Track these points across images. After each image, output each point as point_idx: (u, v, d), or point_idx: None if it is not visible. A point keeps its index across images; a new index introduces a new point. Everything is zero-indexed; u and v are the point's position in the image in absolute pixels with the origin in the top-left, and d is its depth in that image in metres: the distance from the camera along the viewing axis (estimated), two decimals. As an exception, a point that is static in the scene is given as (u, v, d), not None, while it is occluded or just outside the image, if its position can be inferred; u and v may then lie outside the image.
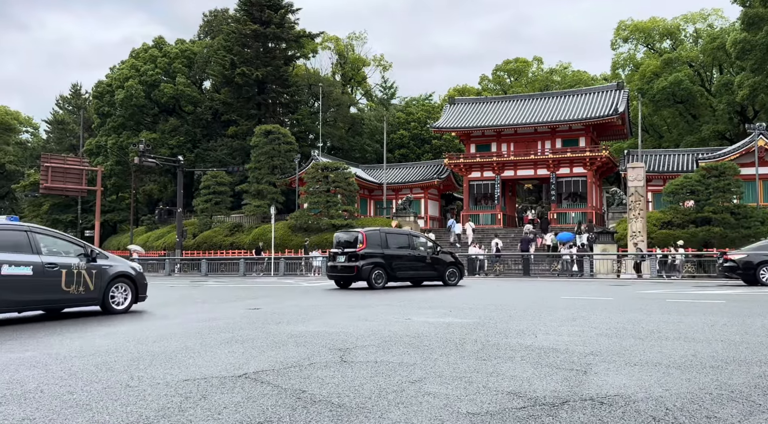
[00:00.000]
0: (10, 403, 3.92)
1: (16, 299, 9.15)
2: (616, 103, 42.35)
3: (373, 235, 18.13)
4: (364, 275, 17.34)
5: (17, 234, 9.55)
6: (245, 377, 4.67)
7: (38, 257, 9.47)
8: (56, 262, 9.73)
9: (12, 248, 9.22)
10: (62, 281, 9.73)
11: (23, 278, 9.15)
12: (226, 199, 45.14)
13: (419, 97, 74.08)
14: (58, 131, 76.53)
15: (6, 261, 8.96)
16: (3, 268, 8.91)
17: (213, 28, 60.66)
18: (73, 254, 10.19)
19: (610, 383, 4.41)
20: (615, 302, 11.85)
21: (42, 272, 9.41)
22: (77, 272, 9.99)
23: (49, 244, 9.98)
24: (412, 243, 18.75)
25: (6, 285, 8.91)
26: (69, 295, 9.89)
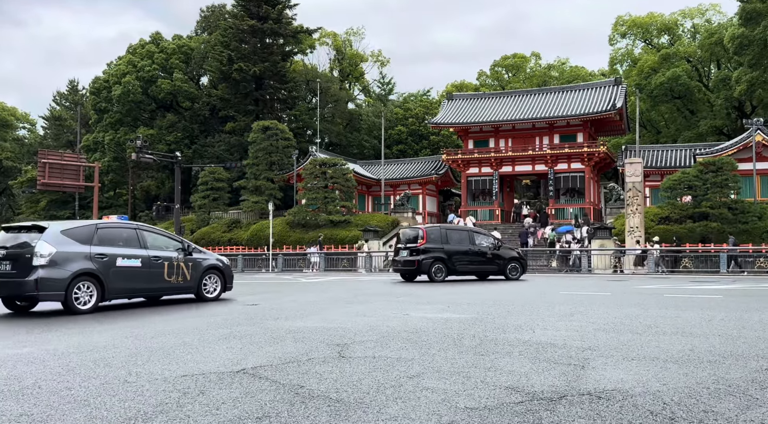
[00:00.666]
0: (8, 399, 3.92)
1: (128, 287, 10.82)
2: (614, 98, 42.34)
3: (433, 231, 19.28)
4: (424, 269, 18.41)
5: (128, 231, 11.27)
6: (243, 373, 4.67)
7: (145, 251, 11.06)
8: (160, 255, 11.26)
9: (124, 244, 10.90)
10: (165, 272, 11.28)
11: (134, 269, 10.79)
12: (224, 195, 45.09)
13: (417, 93, 74.01)
14: (55, 127, 76.31)
15: (120, 254, 10.62)
16: (118, 260, 10.56)
17: (210, 24, 60.48)
18: (172, 249, 11.69)
19: (607, 377, 4.42)
20: (613, 297, 11.87)
21: (149, 264, 11.01)
22: (177, 264, 11.52)
23: (153, 240, 11.47)
24: (473, 239, 19.45)
25: (120, 275, 10.56)
26: (170, 284, 11.46)
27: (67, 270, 9.96)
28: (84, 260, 10.21)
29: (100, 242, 10.57)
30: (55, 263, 9.90)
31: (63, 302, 10.04)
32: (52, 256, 9.86)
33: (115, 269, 10.52)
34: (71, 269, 10.02)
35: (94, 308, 10.20)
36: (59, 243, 10.12)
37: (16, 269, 9.93)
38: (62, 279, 9.87)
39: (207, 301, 11.74)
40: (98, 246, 10.49)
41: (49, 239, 10.06)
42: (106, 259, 10.44)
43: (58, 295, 9.97)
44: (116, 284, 10.53)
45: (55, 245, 10.04)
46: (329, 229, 38.10)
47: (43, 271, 9.74)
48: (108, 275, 10.41)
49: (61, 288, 9.86)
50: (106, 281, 10.37)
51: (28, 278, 9.71)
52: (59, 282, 9.84)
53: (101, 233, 10.74)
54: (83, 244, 10.37)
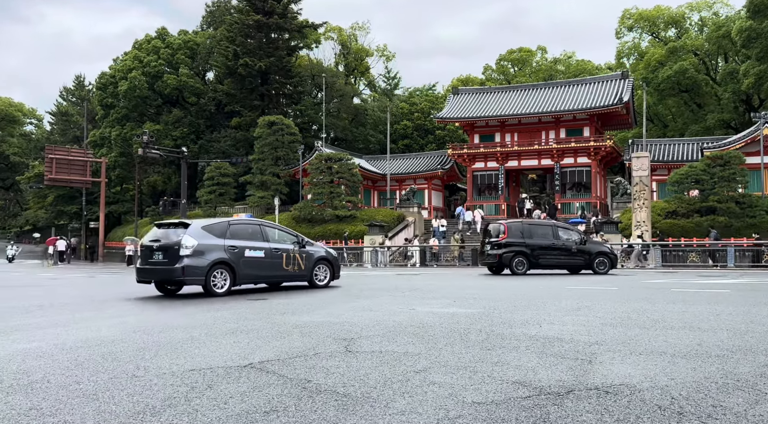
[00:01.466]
0: (18, 393, 3.94)
1: (254, 274, 12.64)
2: (620, 92, 42.14)
3: (514, 226, 19.93)
4: (505, 262, 19.24)
5: (253, 227, 13.17)
6: (251, 367, 4.68)
7: (267, 244, 12.88)
8: (279, 247, 13.06)
9: (250, 237, 12.67)
10: (283, 262, 13.04)
11: (259, 259, 12.59)
12: (230, 190, 45.16)
13: (423, 88, 73.85)
14: (62, 123, 76.58)
15: (248, 246, 12.39)
16: (246, 251, 12.33)
17: (216, 19, 60.44)
18: (289, 242, 13.44)
19: (615, 372, 4.41)
20: (620, 291, 11.83)
21: (270, 255, 12.79)
22: (293, 255, 13.25)
23: (273, 234, 13.30)
24: (557, 234, 19.86)
25: (248, 264, 12.36)
26: (287, 272, 13.23)
27: (206, 259, 11.77)
28: (220, 251, 11.99)
29: (231, 235, 12.38)
30: (197, 254, 11.71)
31: (203, 285, 11.85)
32: (194, 247, 11.68)
33: (244, 258, 12.33)
34: (210, 258, 11.82)
35: (227, 292, 11.95)
36: (200, 237, 11.95)
37: (167, 258, 11.84)
38: (203, 267, 11.70)
39: (318, 288, 13.59)
40: (230, 239, 12.29)
41: (192, 233, 11.91)
42: (236, 250, 12.22)
43: (199, 280, 11.78)
44: (245, 271, 12.34)
45: (197, 238, 11.86)
46: (335, 224, 38.14)
47: (188, 260, 11.59)
48: (239, 264, 12.22)
49: (202, 274, 11.70)
50: (237, 269, 12.16)
51: (177, 265, 11.59)
52: (200, 269, 11.68)
53: (232, 229, 12.61)
54: (219, 237, 12.19)
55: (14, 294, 13.58)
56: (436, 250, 34.08)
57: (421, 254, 33.64)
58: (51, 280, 20.72)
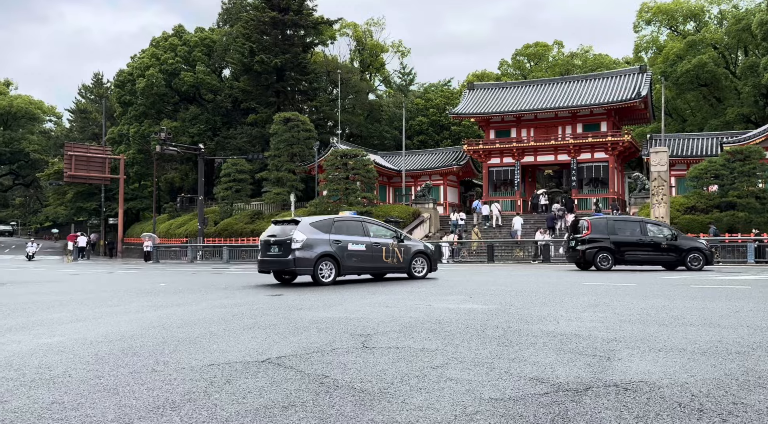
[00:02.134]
0: (40, 387, 4.00)
1: (357, 265, 14.10)
2: (638, 86, 41.69)
3: (597, 222, 20.17)
4: (588, 258, 19.41)
5: (356, 223, 14.68)
6: (268, 362, 4.71)
7: (368, 239, 14.29)
8: (379, 241, 14.43)
9: (353, 232, 14.16)
10: (383, 254, 14.37)
11: (360, 252, 14.02)
12: (246, 186, 45.37)
13: (438, 84, 73.60)
14: (80, 120, 77.44)
15: (350, 241, 13.88)
16: (349, 245, 13.82)
17: (232, 16, 60.70)
18: (389, 237, 14.79)
19: (634, 369, 4.38)
20: (638, 287, 11.74)
21: (371, 248, 14.20)
22: (392, 248, 14.56)
23: (374, 229, 14.73)
24: (645, 230, 19.73)
25: (351, 256, 13.83)
26: (387, 264, 14.57)
27: (314, 252, 13.28)
28: (326, 245, 13.48)
29: (336, 231, 13.87)
30: (306, 247, 13.26)
31: (312, 275, 13.33)
32: (304, 241, 13.24)
33: (347, 251, 13.76)
34: (317, 251, 13.32)
35: (333, 282, 13.43)
36: (309, 232, 13.50)
37: (281, 251, 13.52)
38: (311, 258, 13.22)
39: (416, 279, 14.82)
40: (335, 234, 13.75)
41: (302, 229, 13.50)
42: (340, 244, 13.69)
43: (308, 270, 13.28)
44: (348, 263, 13.79)
45: (306, 233, 13.42)
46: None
47: (298, 252, 13.18)
48: (342, 256, 13.64)
49: (310, 265, 13.23)
50: (341, 261, 13.61)
51: (289, 257, 13.23)
52: (309, 261, 13.21)
53: (337, 225, 14.11)
54: (325, 233, 13.69)
55: (36, 289, 13.78)
56: (456, 246, 34.00)
57: (452, 251, 33.36)
58: (71, 276, 20.98)
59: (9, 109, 78.16)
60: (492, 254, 30.91)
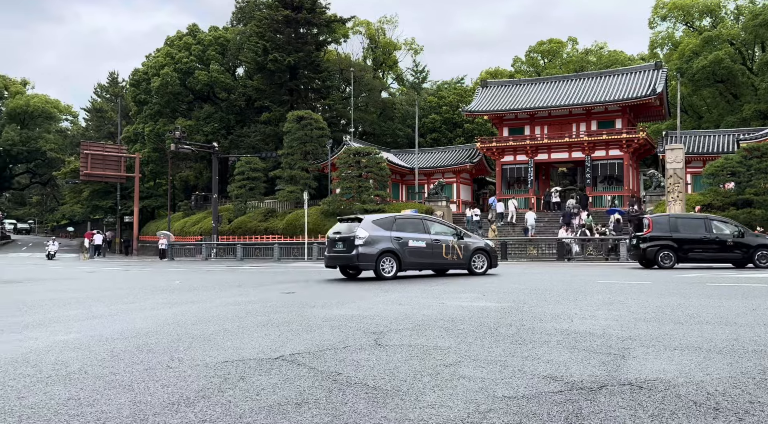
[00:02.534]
0: (56, 383, 4.04)
1: (417, 261, 14.72)
2: (654, 83, 41.32)
3: (659, 220, 20.02)
4: (650, 256, 19.27)
5: (416, 221, 15.35)
6: (282, 359, 4.72)
7: (429, 236, 14.83)
8: (439, 238, 14.94)
9: (414, 230, 14.76)
10: (443, 251, 14.90)
11: (421, 248, 14.59)
12: (260, 185, 45.56)
13: (451, 81, 73.40)
14: (96, 119, 78.13)
15: (411, 238, 14.51)
16: (409, 242, 14.44)
17: (245, 15, 60.93)
18: (449, 234, 15.32)
19: (649, 367, 4.34)
20: (653, 285, 11.64)
21: (431, 245, 14.74)
22: (452, 245, 15.06)
23: (434, 227, 15.24)
24: (709, 227, 19.50)
25: (411, 253, 14.46)
26: (447, 261, 15.06)
27: (376, 248, 14.04)
28: (387, 242, 14.20)
29: (397, 228, 14.54)
30: (368, 243, 14.02)
31: (374, 270, 14.09)
32: (366, 238, 14.02)
33: (408, 248, 14.41)
34: (379, 247, 14.07)
35: (393, 276, 14.20)
36: (371, 229, 14.27)
37: (345, 247, 14.35)
38: (373, 254, 13.99)
39: (476, 274, 15.20)
40: (396, 231, 14.44)
41: (364, 226, 14.28)
42: (401, 241, 14.37)
43: (370, 265, 14.07)
44: (408, 259, 14.44)
45: (368, 230, 14.21)
46: (364, 218, 38.20)
47: (361, 248, 13.98)
48: (403, 253, 14.32)
49: (372, 260, 14.00)
50: (402, 257, 14.30)
51: (353, 253, 14.05)
52: (371, 256, 13.98)
53: (398, 222, 14.80)
54: (386, 230, 14.39)
55: (52, 287, 13.93)
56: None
57: None
58: (88, 273, 21.19)
59: (26, 108, 79.01)
60: (505, 251, 30.80)
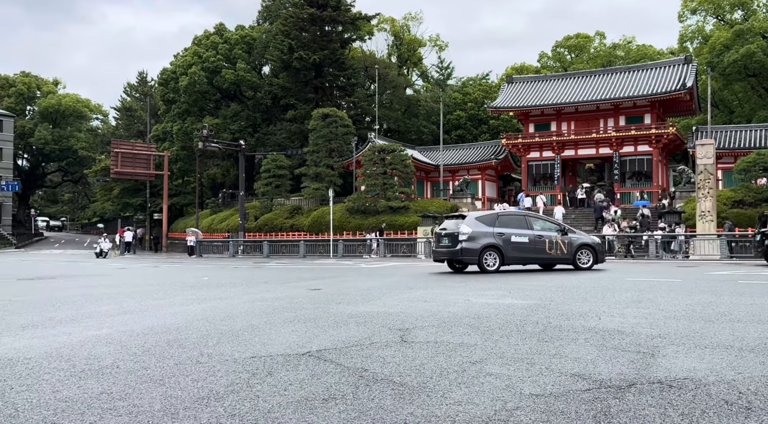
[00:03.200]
0: (90, 378, 4.13)
1: (520, 256, 15.44)
2: (683, 77, 40.60)
3: None
4: None
5: (519, 217, 16.16)
6: (309, 355, 4.76)
7: (531, 232, 15.55)
8: (542, 234, 15.60)
9: (517, 226, 15.50)
10: (546, 246, 15.53)
11: (523, 244, 15.32)
12: (285, 182, 45.87)
13: (476, 77, 72.99)
14: (126, 118, 79.35)
15: (513, 233, 15.26)
16: (512, 237, 15.21)
17: (271, 14, 61.32)
18: (553, 230, 15.94)
19: (679, 366, 4.29)
20: (683, 283, 11.46)
21: (534, 241, 15.44)
22: (555, 241, 15.64)
23: (537, 223, 16.00)
24: None
25: (514, 248, 15.22)
26: (551, 255, 15.74)
27: (479, 243, 14.96)
28: (490, 237, 15.06)
29: (500, 224, 15.34)
30: (471, 239, 14.98)
31: (477, 264, 15.01)
32: (469, 234, 14.99)
33: (511, 243, 15.14)
34: (481, 242, 14.97)
35: (496, 270, 15.04)
36: (474, 225, 15.22)
37: (450, 242, 15.37)
38: (476, 249, 14.93)
39: (581, 270, 15.65)
40: (498, 227, 15.23)
41: (468, 223, 15.25)
42: (504, 236, 15.14)
43: (474, 259, 15.05)
44: (511, 253, 15.19)
45: (471, 227, 15.15)
46: (388, 215, 38.27)
47: (464, 243, 14.98)
48: (506, 248, 15.08)
49: (476, 255, 14.96)
50: (504, 252, 15.07)
51: (457, 248, 15.11)
52: (474, 251, 14.94)
53: (501, 219, 15.64)
54: (489, 226, 15.26)
55: (85, 283, 14.22)
56: None
57: None
58: (118, 270, 21.57)
59: (58, 107, 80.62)
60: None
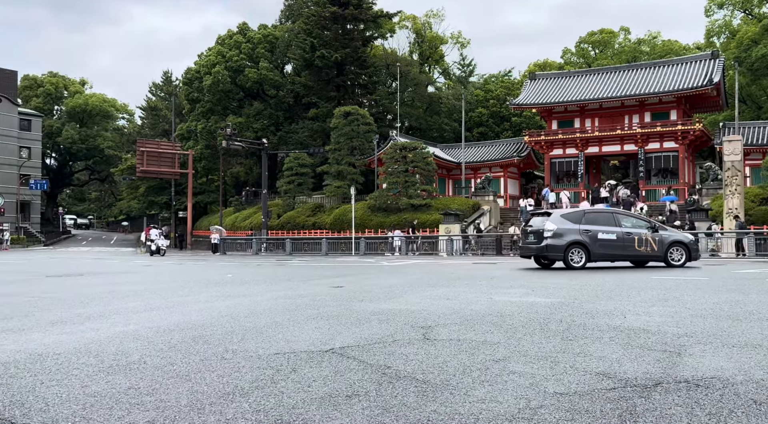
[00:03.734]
0: (117, 373, 4.19)
1: (607, 253, 15.63)
2: (710, 73, 39.90)
3: None
4: None
5: (606, 215, 16.28)
6: (332, 352, 4.79)
7: (619, 229, 15.63)
8: (631, 231, 15.66)
9: (604, 223, 15.66)
10: (635, 243, 15.58)
11: (611, 241, 15.47)
12: (307, 180, 46.07)
13: (498, 74, 72.54)
14: (151, 117, 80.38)
15: (600, 230, 15.43)
16: (599, 234, 15.36)
17: (294, 12, 61.60)
18: (643, 227, 16.00)
19: (706, 365, 4.23)
20: (710, 281, 11.28)
21: (622, 238, 15.56)
22: (645, 238, 15.66)
23: (626, 220, 16.03)
24: None
25: (601, 245, 15.41)
26: (640, 253, 15.75)
27: (564, 240, 15.24)
28: (575, 234, 15.31)
29: (586, 222, 15.59)
30: (556, 236, 15.28)
31: (563, 260, 15.35)
32: (554, 231, 15.30)
33: (598, 240, 15.34)
34: (567, 239, 15.25)
35: (582, 266, 15.28)
36: (559, 223, 15.48)
37: (536, 239, 15.82)
38: (561, 246, 15.25)
39: (673, 267, 15.65)
40: (585, 225, 15.47)
41: (553, 220, 15.61)
42: (590, 233, 15.35)
43: (558, 256, 15.38)
44: (598, 250, 15.40)
45: (556, 224, 15.42)
46: (410, 213, 38.23)
47: (549, 240, 15.34)
48: (593, 244, 15.30)
49: (560, 251, 15.29)
50: (591, 248, 15.29)
51: (542, 244, 15.49)
52: (559, 247, 15.27)
53: (587, 216, 15.93)
54: (574, 223, 15.54)
55: (112, 280, 14.44)
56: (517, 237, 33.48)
57: None
58: (144, 267, 21.87)
59: (85, 107, 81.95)
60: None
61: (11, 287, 12.29)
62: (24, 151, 70.10)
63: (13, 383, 3.89)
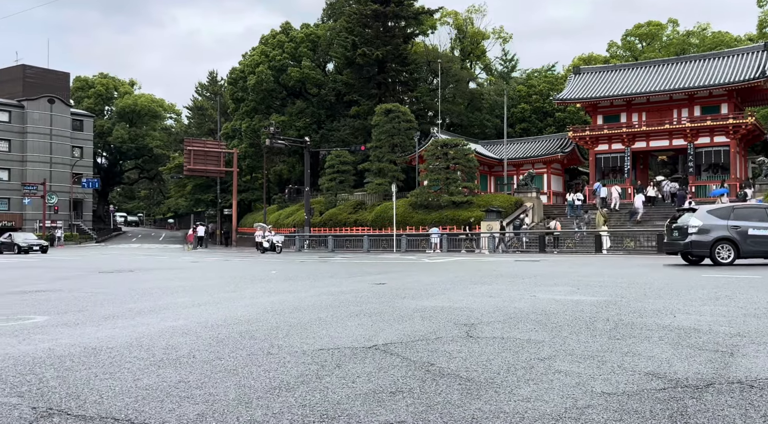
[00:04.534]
0: (168, 367, 4.31)
1: (758, 250, 15.22)
2: (763, 65, 38.49)
3: None
4: None
5: (759, 211, 15.78)
6: (375, 349, 4.81)
7: None
8: None
9: (756, 219, 15.27)
10: None
11: (763, 237, 15.08)
12: (349, 177, 46.32)
13: (541, 69, 71.46)
14: (197, 117, 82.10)
15: (752, 226, 15.06)
16: (749, 230, 15.02)
17: (335, 11, 61.96)
18: None
19: (760, 365, 4.10)
20: (763, 280, 10.90)
21: None
22: None
23: None
24: None
25: (752, 241, 15.04)
26: None
27: (710, 236, 15.09)
28: (722, 230, 15.08)
29: (735, 217, 15.29)
30: (702, 232, 15.17)
31: (709, 256, 15.19)
32: (699, 227, 15.22)
33: (748, 236, 14.98)
34: (713, 235, 15.08)
35: (730, 263, 15.06)
36: (705, 219, 15.34)
37: (680, 235, 15.74)
38: (706, 242, 15.08)
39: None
40: (733, 220, 15.20)
41: (698, 216, 15.50)
42: (739, 229, 15.03)
43: (704, 252, 15.27)
44: (748, 247, 15.05)
45: (702, 220, 15.30)
46: (451, 210, 38.07)
47: (693, 236, 15.28)
48: (742, 241, 14.96)
49: (706, 247, 15.12)
50: (740, 245, 14.97)
51: (686, 240, 15.44)
52: (705, 244, 15.11)
53: (736, 212, 15.60)
54: (722, 219, 15.26)
55: (160, 276, 14.82)
56: (557, 232, 33.00)
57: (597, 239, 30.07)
58: (191, 263, 22.37)
59: (134, 107, 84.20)
60: (600, 244, 29.73)
61: (67, 282, 12.74)
62: (76, 151, 72.47)
63: (69, 376, 4.04)
